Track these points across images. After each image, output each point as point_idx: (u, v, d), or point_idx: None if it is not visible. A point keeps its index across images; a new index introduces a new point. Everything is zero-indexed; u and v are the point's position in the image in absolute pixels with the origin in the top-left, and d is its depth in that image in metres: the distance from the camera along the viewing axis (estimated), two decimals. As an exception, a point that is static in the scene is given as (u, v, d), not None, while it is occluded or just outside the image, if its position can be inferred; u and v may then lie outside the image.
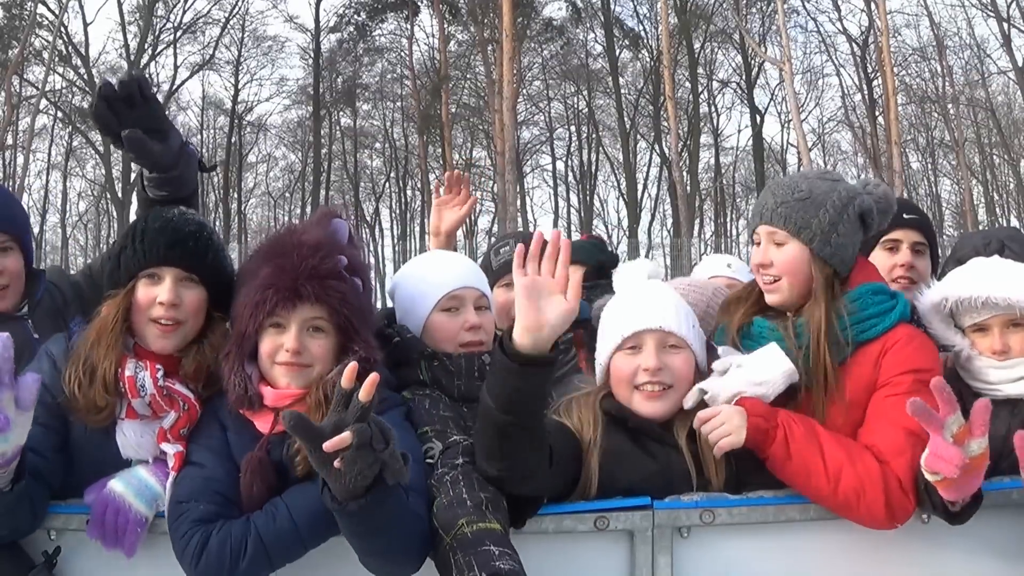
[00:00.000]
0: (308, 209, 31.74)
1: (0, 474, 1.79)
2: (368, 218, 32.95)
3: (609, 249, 4.05)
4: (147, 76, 2.24)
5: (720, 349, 2.25)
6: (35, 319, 2.43)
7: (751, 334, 2.26)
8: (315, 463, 1.66)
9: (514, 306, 2.48)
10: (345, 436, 1.59)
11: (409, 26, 30.73)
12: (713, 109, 32.10)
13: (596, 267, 3.67)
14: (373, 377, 1.63)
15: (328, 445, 1.59)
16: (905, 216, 2.79)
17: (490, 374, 1.90)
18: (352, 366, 1.66)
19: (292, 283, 1.98)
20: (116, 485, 2.00)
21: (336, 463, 1.62)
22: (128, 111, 2.14)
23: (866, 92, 29.16)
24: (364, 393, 1.62)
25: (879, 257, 2.76)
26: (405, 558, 1.86)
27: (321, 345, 2.01)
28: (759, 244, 2.26)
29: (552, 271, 1.82)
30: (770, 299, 2.26)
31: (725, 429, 2.04)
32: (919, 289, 2.44)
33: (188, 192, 2.33)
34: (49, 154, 30.48)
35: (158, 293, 2.05)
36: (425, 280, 2.32)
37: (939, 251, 2.95)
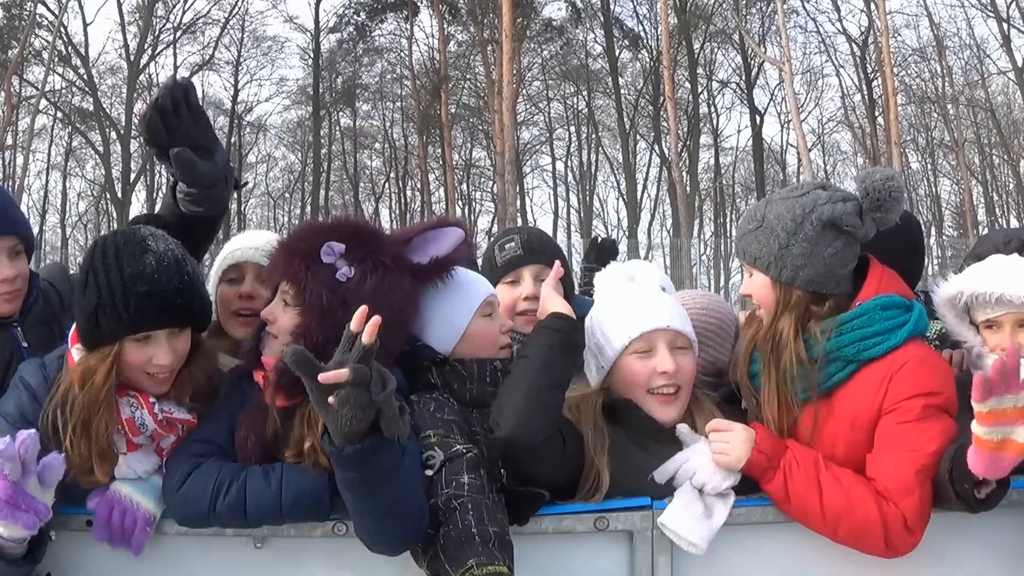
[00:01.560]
0: (308, 209, 31.72)
1: (20, 543, 1.81)
2: (368, 218, 32.88)
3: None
4: (193, 84, 2.18)
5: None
6: (26, 324, 2.34)
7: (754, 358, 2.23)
8: (313, 401, 1.70)
9: (518, 303, 2.62)
10: (343, 372, 1.63)
11: (409, 26, 30.69)
12: (713, 109, 32.08)
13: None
14: (376, 319, 1.66)
15: (324, 376, 1.63)
16: None
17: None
18: (363, 309, 1.68)
19: (274, 255, 2.10)
20: (121, 487, 2.01)
21: (331, 399, 1.65)
22: (176, 123, 2.07)
23: (866, 92, 29.15)
24: (367, 335, 1.65)
25: None
26: (402, 526, 1.85)
27: (286, 317, 2.03)
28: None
29: None
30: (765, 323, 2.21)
31: (728, 449, 2.04)
32: (936, 283, 2.42)
33: (222, 210, 2.25)
34: (49, 154, 30.45)
35: (154, 354, 1.98)
36: (460, 290, 2.23)
37: (927, 254, 2.92)
